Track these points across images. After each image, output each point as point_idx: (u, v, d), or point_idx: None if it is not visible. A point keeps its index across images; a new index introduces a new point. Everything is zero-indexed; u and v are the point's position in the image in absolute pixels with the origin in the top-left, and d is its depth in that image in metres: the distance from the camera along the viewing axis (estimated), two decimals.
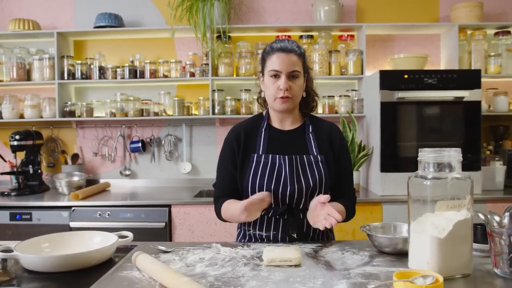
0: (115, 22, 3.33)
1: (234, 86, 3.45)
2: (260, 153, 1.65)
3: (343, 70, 3.31)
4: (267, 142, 1.68)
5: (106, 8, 3.42)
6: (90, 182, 3.41)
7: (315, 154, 1.65)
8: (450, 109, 2.92)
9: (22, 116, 3.37)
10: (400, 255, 1.38)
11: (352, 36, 3.41)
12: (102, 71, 3.34)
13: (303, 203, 1.62)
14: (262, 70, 1.68)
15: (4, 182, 3.44)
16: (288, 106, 1.63)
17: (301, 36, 3.34)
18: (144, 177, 3.57)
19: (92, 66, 3.35)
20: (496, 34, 3.32)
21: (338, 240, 1.65)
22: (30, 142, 3.19)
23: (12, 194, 3.10)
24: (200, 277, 1.21)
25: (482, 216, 1.30)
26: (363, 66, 3.26)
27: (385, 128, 2.89)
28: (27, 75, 3.37)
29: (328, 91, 3.42)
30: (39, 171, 3.27)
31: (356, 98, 3.30)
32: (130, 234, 1.53)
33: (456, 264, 1.19)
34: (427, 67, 3.25)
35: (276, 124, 1.72)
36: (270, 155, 1.64)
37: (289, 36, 3.34)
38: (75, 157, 3.52)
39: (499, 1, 3.46)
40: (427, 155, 1.23)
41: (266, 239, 1.66)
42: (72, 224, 2.79)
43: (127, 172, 3.54)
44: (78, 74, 3.32)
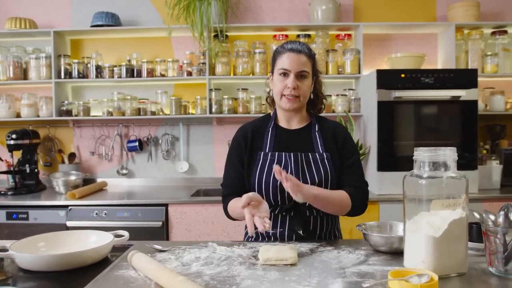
0: (112, 21, 3.32)
1: (231, 85, 3.45)
2: (266, 151, 1.68)
3: (340, 69, 3.31)
4: (274, 141, 1.71)
5: (103, 7, 3.41)
6: (87, 181, 3.40)
7: (321, 152, 1.68)
8: (447, 108, 2.93)
9: (18, 115, 3.36)
10: (396, 254, 1.38)
11: (349, 35, 3.41)
12: (99, 70, 3.34)
13: None
14: (272, 69, 1.71)
15: (0, 181, 3.43)
16: (295, 105, 1.65)
17: (298, 35, 3.34)
18: (141, 176, 3.56)
19: (89, 65, 3.34)
20: (493, 33, 3.33)
21: (335, 238, 1.65)
22: (26, 141, 3.18)
23: (9, 193, 3.09)
24: (196, 276, 1.21)
25: (477, 215, 1.30)
26: (360, 65, 3.26)
27: (382, 127, 2.89)
28: (23, 74, 3.36)
29: (325, 90, 3.40)
30: (36, 170, 3.26)
31: (353, 97, 3.30)
32: (126, 233, 1.53)
33: (451, 263, 1.19)
34: (424, 67, 3.26)
35: (283, 123, 1.75)
36: (276, 153, 1.66)
37: (286, 36, 3.34)
38: (72, 156, 3.51)
39: (495, 0, 3.46)
40: (422, 154, 1.24)
41: (273, 237, 1.66)
42: (69, 223, 2.78)
43: (124, 171, 3.53)
44: (75, 73, 3.31)
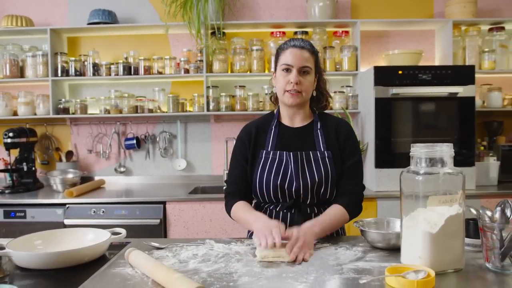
0: (109, 18, 3.31)
1: (228, 83, 3.44)
2: (268, 149, 1.69)
3: (337, 66, 3.31)
4: (276, 139, 1.71)
5: (100, 4, 3.40)
6: (85, 179, 3.39)
7: (322, 150, 1.67)
8: (444, 105, 2.93)
9: (15, 113, 3.35)
10: (393, 250, 1.39)
11: (346, 32, 3.41)
12: (96, 68, 3.33)
13: (309, 198, 1.64)
14: (275, 66, 1.71)
15: None
16: (297, 101, 1.64)
17: (295, 32, 3.34)
18: (139, 174, 3.56)
19: (86, 63, 3.33)
20: (490, 30, 3.33)
21: (333, 235, 1.66)
22: (24, 140, 3.17)
23: (6, 191, 3.08)
24: (193, 273, 1.21)
25: (474, 211, 1.30)
26: (357, 62, 3.26)
27: (379, 124, 2.89)
28: (20, 72, 3.35)
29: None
30: (33, 168, 3.25)
31: (350, 94, 3.30)
32: (123, 231, 1.53)
33: (448, 259, 1.19)
34: (421, 63, 3.26)
35: (286, 121, 1.75)
36: (278, 152, 1.67)
37: (283, 33, 3.34)
38: (69, 154, 3.51)
39: None
40: (419, 150, 1.24)
41: None
42: (67, 222, 2.78)
43: (122, 169, 3.53)
44: (72, 71, 3.30)
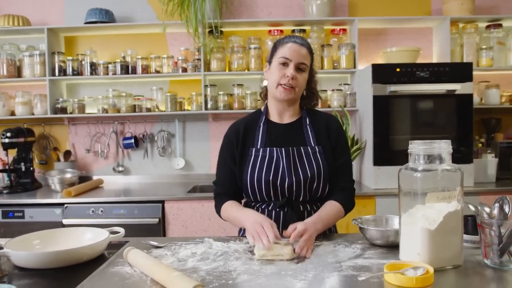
0: (106, 17, 3.30)
1: (226, 81, 3.44)
2: (258, 147, 1.68)
3: (335, 64, 3.31)
4: (265, 136, 1.70)
5: (97, 3, 3.39)
6: (83, 179, 3.39)
7: (313, 145, 1.67)
8: (442, 102, 2.93)
9: (13, 113, 3.34)
10: (392, 247, 1.39)
11: (344, 30, 3.41)
12: (93, 67, 3.32)
13: (302, 195, 1.64)
14: (271, 58, 1.70)
15: None
16: (289, 96, 1.64)
17: (293, 31, 3.33)
18: (137, 173, 3.55)
19: (83, 62, 3.33)
20: (488, 27, 3.33)
21: (332, 233, 1.66)
22: (21, 140, 3.16)
23: (4, 191, 3.08)
24: (192, 271, 1.21)
25: (472, 208, 1.31)
26: (355, 60, 3.26)
27: (377, 122, 2.89)
28: (17, 71, 3.33)
29: (320, 85, 3.39)
30: (31, 168, 3.25)
31: (348, 92, 3.30)
32: (121, 230, 1.53)
33: (446, 255, 1.19)
34: (419, 61, 3.25)
35: (274, 118, 1.74)
36: (268, 149, 1.66)
37: (281, 31, 3.33)
38: (67, 154, 3.50)
39: None
40: (417, 147, 1.24)
41: None
42: (65, 221, 2.77)
43: (120, 168, 3.52)
44: (70, 71, 3.29)
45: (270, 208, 1.66)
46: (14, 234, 1.50)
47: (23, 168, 3.20)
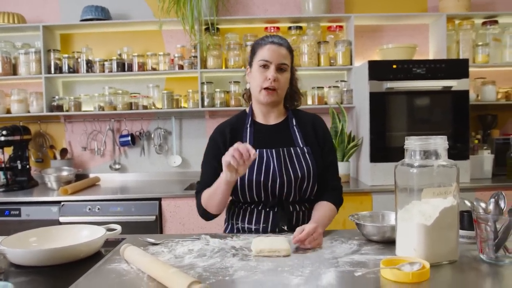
0: (102, 14, 3.29)
1: (223, 78, 3.43)
2: None
3: (332, 61, 3.31)
4: (253, 137, 1.69)
5: (93, 0, 3.37)
6: (80, 176, 3.38)
7: (301, 146, 1.68)
8: (439, 98, 2.93)
9: (9, 111, 3.33)
10: (388, 243, 1.39)
11: (340, 27, 3.41)
12: (89, 65, 3.31)
13: (292, 195, 1.65)
14: (251, 61, 1.69)
15: None
16: (273, 99, 1.64)
17: (289, 28, 3.33)
18: (134, 171, 3.55)
19: (79, 60, 3.31)
20: (484, 23, 3.34)
21: (329, 230, 1.66)
22: (17, 138, 3.15)
23: (0, 190, 3.07)
24: (189, 268, 1.21)
25: (468, 203, 1.31)
26: (352, 56, 3.26)
27: (374, 119, 2.90)
28: (13, 69, 3.32)
29: (317, 82, 3.42)
30: (28, 166, 3.24)
31: (345, 89, 3.30)
32: (118, 227, 1.52)
33: (442, 250, 1.20)
34: (415, 57, 3.26)
35: (260, 119, 1.74)
36: (257, 150, 1.63)
37: (278, 28, 3.33)
38: (64, 152, 3.49)
39: None
40: (413, 143, 1.24)
41: (255, 232, 1.66)
42: (62, 219, 2.77)
43: (117, 166, 3.52)
44: (65, 68, 3.28)
45: (260, 208, 1.66)
46: (11, 232, 1.49)
47: (19, 166, 3.19)
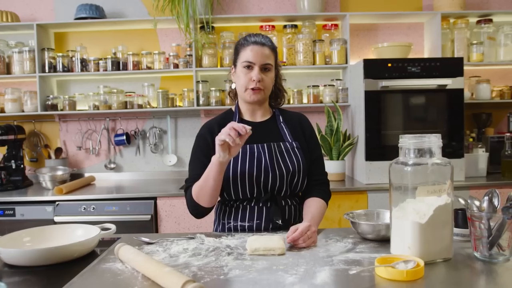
0: (96, 13, 3.27)
1: (218, 77, 3.43)
2: None
3: (327, 60, 3.31)
4: None
5: None
6: (75, 176, 3.37)
7: (290, 141, 1.71)
8: (434, 97, 2.94)
9: (2, 111, 3.31)
10: (383, 241, 1.39)
11: (336, 25, 3.41)
12: (84, 64, 3.29)
13: (284, 189, 1.67)
14: (235, 61, 1.70)
15: None
16: (259, 98, 1.66)
17: (285, 26, 3.33)
18: (129, 170, 3.54)
19: (73, 59, 3.29)
20: (478, 22, 3.35)
21: (324, 228, 1.66)
22: (11, 137, 3.13)
23: None
24: (184, 267, 1.21)
25: (462, 201, 1.31)
26: (347, 55, 3.26)
27: (369, 117, 2.90)
28: (6, 68, 3.29)
29: (312, 80, 3.42)
30: (22, 166, 3.22)
31: (340, 88, 3.30)
32: (112, 226, 1.52)
33: (436, 248, 1.20)
34: (410, 56, 3.27)
35: (247, 117, 1.76)
36: (248, 145, 1.65)
37: (273, 26, 3.33)
38: (58, 151, 3.47)
39: None
40: (407, 141, 1.24)
41: (248, 229, 1.66)
42: (57, 219, 2.76)
43: (112, 165, 3.50)
44: (60, 67, 3.26)
45: (252, 205, 1.66)
46: (5, 232, 1.48)
47: (14, 166, 3.17)
